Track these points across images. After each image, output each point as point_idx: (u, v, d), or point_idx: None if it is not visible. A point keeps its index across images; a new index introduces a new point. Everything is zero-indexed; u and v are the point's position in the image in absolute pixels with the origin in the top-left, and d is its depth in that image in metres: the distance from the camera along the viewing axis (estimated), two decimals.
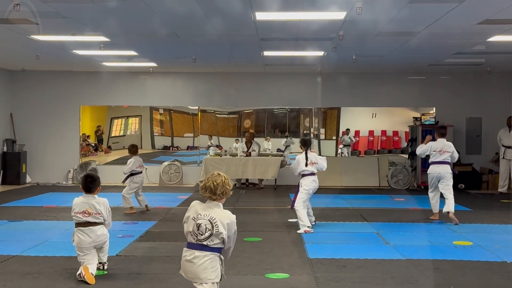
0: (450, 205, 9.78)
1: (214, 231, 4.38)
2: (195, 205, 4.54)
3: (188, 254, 4.46)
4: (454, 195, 9.82)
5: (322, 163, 9.32)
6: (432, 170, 10.06)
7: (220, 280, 4.51)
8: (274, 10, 8.35)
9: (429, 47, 11.50)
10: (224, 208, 4.52)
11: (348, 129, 16.67)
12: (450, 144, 10.24)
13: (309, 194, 9.13)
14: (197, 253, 4.41)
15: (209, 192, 4.45)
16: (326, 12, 8.47)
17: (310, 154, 9.25)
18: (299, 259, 6.97)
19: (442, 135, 10.20)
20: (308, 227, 8.85)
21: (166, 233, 8.68)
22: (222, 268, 4.51)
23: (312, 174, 9.14)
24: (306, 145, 9.36)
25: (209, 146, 16.45)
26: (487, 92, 16.00)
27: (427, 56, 12.78)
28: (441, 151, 10.05)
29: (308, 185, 9.08)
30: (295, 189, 9.42)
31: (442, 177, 9.93)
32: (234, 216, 4.54)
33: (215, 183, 4.45)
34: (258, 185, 15.25)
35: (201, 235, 4.38)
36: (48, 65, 14.95)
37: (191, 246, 4.45)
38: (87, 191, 6.18)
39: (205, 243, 4.39)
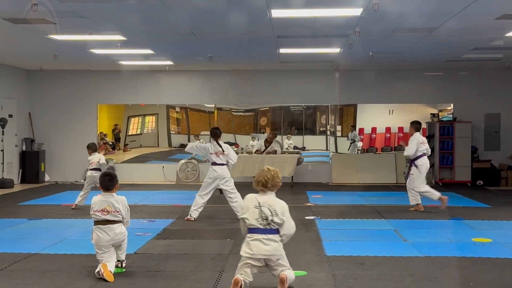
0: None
1: (274, 215, 5.25)
2: (252, 196, 5.40)
3: (259, 237, 5.27)
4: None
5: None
6: (425, 161, 10.73)
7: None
8: (290, 7, 8.34)
9: (447, 43, 11.41)
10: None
11: (352, 126, 16.65)
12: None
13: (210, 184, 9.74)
14: (269, 236, 5.27)
15: (262, 186, 5.35)
16: (342, 9, 8.44)
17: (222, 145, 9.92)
18: (316, 256, 6.95)
19: (418, 130, 10.92)
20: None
21: (183, 230, 8.71)
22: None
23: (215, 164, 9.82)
24: (212, 135, 9.95)
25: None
26: (505, 87, 15.85)
27: (444, 51, 12.68)
28: (423, 142, 10.77)
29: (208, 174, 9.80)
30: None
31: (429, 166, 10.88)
32: (286, 204, 5.41)
33: (266, 178, 5.34)
34: None
35: (266, 219, 5.24)
36: (66, 64, 15.06)
37: (259, 231, 5.27)
38: (105, 189, 6.21)
39: (271, 226, 5.26)
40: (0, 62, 14.87)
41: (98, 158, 11.02)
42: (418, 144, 10.62)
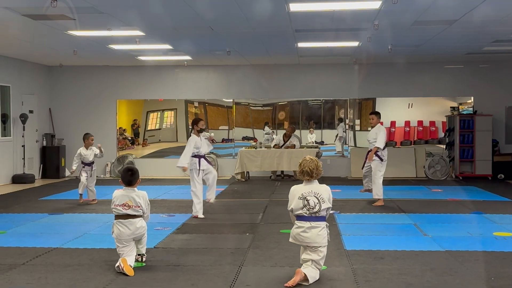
0: None
1: (321, 202, 5.53)
2: (296, 187, 5.68)
3: (304, 224, 5.54)
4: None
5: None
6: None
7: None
8: (308, 0, 8.30)
9: (467, 35, 11.30)
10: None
11: (339, 119, 16.54)
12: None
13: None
14: (313, 223, 5.53)
15: (308, 175, 5.63)
16: (361, 2, 8.39)
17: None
18: (336, 251, 6.93)
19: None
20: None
21: (203, 225, 8.74)
22: (328, 232, 5.65)
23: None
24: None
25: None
26: None
27: (464, 44, 12.55)
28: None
29: None
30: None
31: None
32: (329, 188, 5.73)
33: (310, 167, 5.62)
34: (294, 177, 15.24)
35: (312, 208, 5.51)
36: (85, 60, 15.17)
37: (305, 218, 5.54)
38: (127, 184, 6.24)
39: (316, 214, 5.53)
40: (20, 58, 15.02)
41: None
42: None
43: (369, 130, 11.65)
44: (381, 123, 11.06)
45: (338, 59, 15.15)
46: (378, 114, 10.97)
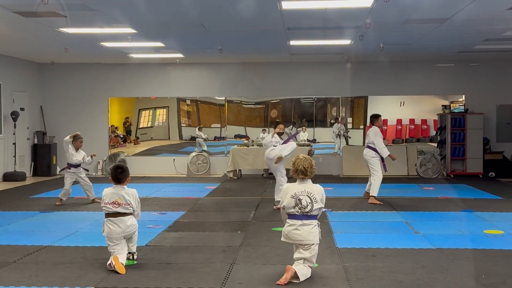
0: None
1: (314, 202, 5.55)
2: (290, 186, 5.72)
3: (295, 222, 5.58)
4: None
5: None
6: None
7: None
8: None
9: (458, 34, 11.33)
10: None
11: (336, 118, 16.58)
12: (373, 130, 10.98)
13: None
14: (305, 221, 5.56)
15: (302, 174, 5.63)
16: (353, 0, 8.40)
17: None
18: (327, 248, 6.94)
19: (372, 122, 11.13)
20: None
21: (195, 223, 8.73)
22: (320, 230, 5.68)
23: None
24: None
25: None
26: None
27: (456, 43, 12.59)
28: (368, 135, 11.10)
29: None
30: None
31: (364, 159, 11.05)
32: (322, 188, 5.73)
33: (305, 166, 5.61)
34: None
35: (304, 208, 5.53)
36: (77, 57, 15.11)
37: (296, 217, 5.58)
38: (116, 182, 6.23)
39: (308, 214, 5.55)
40: (11, 56, 14.95)
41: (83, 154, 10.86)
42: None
43: (361, 128, 11.81)
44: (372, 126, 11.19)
45: (330, 57, 15.17)
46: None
